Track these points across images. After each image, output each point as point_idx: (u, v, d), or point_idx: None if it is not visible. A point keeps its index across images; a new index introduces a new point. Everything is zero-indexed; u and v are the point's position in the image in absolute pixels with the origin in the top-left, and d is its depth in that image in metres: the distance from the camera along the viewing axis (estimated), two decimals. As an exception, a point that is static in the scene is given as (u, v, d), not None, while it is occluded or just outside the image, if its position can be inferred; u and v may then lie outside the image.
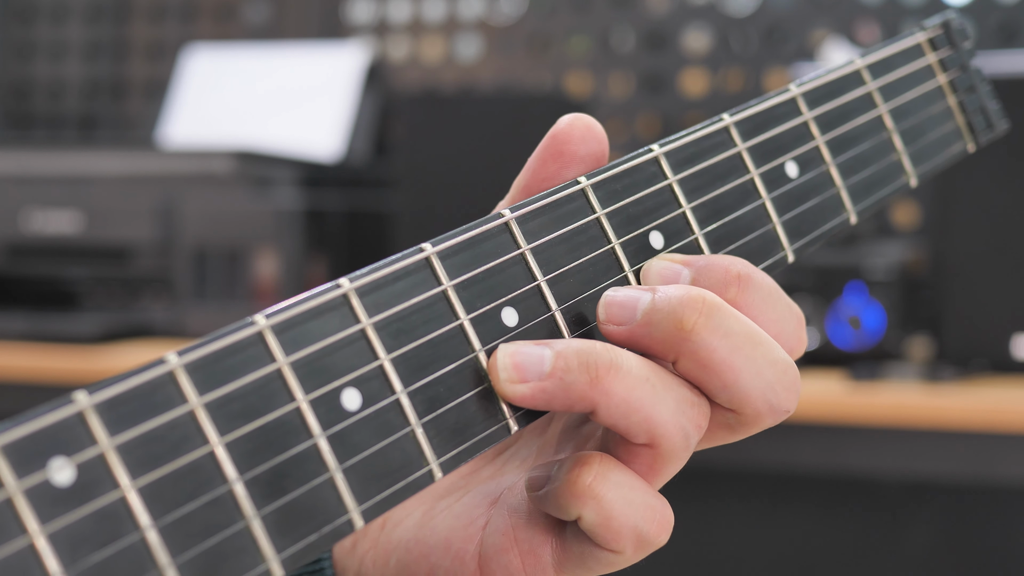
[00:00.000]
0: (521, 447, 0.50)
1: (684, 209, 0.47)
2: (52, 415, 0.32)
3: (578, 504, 0.42)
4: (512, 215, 0.43)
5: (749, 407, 0.43)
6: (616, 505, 0.42)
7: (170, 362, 0.35)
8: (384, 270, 0.40)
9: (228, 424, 0.35)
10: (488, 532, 0.46)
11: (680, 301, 0.42)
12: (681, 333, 0.42)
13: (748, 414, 0.43)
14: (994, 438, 1.34)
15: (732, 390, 0.43)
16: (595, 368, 0.41)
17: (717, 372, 0.42)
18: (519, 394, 0.41)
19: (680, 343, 0.42)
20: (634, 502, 0.42)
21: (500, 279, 0.42)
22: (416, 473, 0.39)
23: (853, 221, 0.52)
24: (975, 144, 0.57)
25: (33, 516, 0.31)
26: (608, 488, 0.42)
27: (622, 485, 0.42)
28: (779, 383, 0.43)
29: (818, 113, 0.51)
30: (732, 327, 0.42)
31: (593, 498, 0.42)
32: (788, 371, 0.44)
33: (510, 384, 0.41)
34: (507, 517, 0.45)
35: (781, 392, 0.43)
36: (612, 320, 0.43)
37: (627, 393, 0.41)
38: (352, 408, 0.38)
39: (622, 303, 0.43)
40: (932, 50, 0.57)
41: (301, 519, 0.36)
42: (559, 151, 0.47)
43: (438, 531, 0.47)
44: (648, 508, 0.42)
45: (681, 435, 0.42)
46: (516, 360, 0.41)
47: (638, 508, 0.42)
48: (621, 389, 0.41)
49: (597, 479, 0.42)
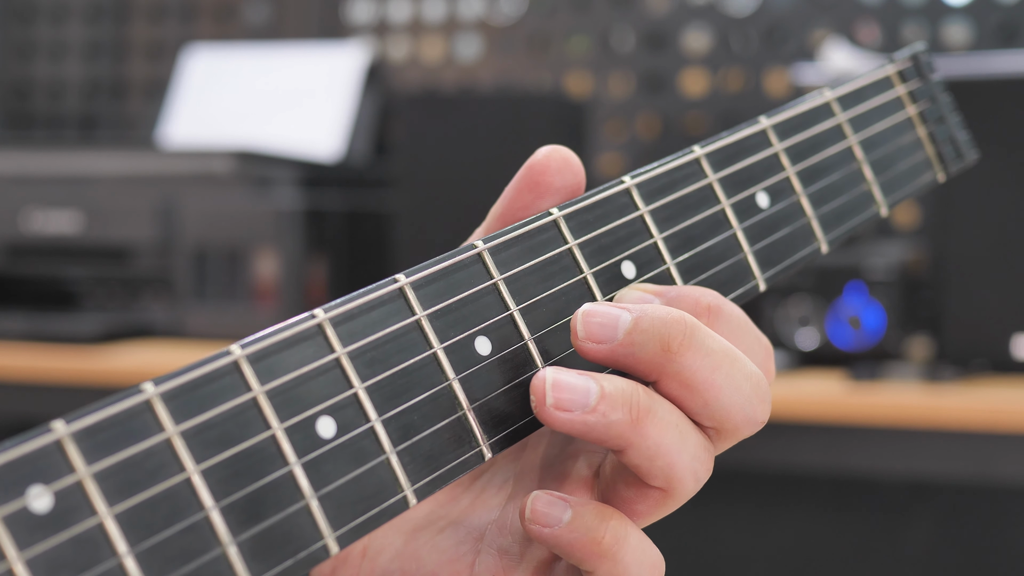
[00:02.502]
0: (497, 472, 0.50)
1: (656, 239, 0.48)
2: (30, 443, 0.33)
3: (597, 564, 0.43)
4: (485, 246, 0.44)
5: (729, 422, 0.44)
6: (631, 567, 0.43)
7: (147, 391, 0.35)
8: (358, 300, 0.40)
9: (204, 452, 0.35)
10: (479, 572, 0.46)
11: (664, 322, 0.42)
12: (666, 354, 0.42)
13: (728, 429, 0.44)
14: (994, 438, 1.34)
15: (713, 407, 0.43)
16: (636, 409, 0.42)
17: (700, 391, 0.43)
18: (561, 420, 0.41)
19: (665, 364, 0.42)
20: (644, 562, 0.44)
21: (473, 308, 0.43)
22: (391, 499, 0.39)
23: (824, 250, 0.52)
24: (945, 174, 0.59)
25: (11, 543, 0.32)
26: (627, 552, 0.43)
27: (637, 548, 0.43)
28: (755, 396, 0.44)
29: (788, 144, 0.52)
30: (712, 346, 0.43)
31: (613, 560, 0.43)
32: (761, 384, 0.44)
33: (555, 410, 0.41)
34: (497, 558, 0.46)
35: (757, 405, 0.44)
36: (591, 337, 0.43)
37: (659, 438, 0.42)
38: (327, 436, 0.38)
39: (602, 321, 0.43)
40: (902, 82, 0.57)
41: (277, 545, 0.36)
42: (535, 181, 0.48)
43: (424, 566, 0.47)
44: (653, 565, 0.44)
45: (693, 480, 0.44)
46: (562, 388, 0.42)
47: (646, 567, 0.44)
48: (654, 433, 0.42)
49: (619, 543, 0.43)
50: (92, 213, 1.78)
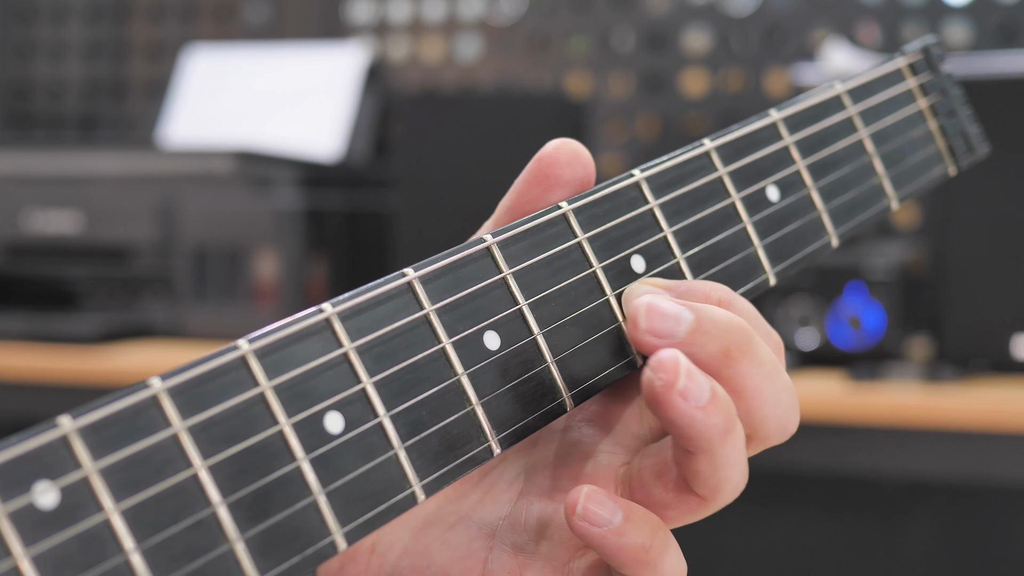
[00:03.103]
0: (507, 468, 0.50)
1: (665, 233, 0.47)
2: (36, 439, 0.33)
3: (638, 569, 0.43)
4: (494, 240, 0.43)
5: (763, 430, 0.44)
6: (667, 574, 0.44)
7: (153, 386, 0.35)
8: (366, 294, 0.40)
9: (211, 447, 0.35)
10: (492, 569, 0.46)
11: (727, 327, 0.42)
12: (726, 359, 0.42)
13: (760, 437, 0.44)
14: (994, 438, 1.34)
15: (754, 415, 0.43)
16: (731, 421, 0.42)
17: (747, 399, 0.43)
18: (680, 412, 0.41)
19: (722, 368, 0.42)
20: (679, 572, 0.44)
21: (482, 303, 0.42)
22: (399, 495, 0.39)
23: (834, 244, 0.52)
24: (956, 168, 0.58)
25: (17, 539, 0.32)
26: (667, 562, 0.43)
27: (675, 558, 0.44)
28: (792, 407, 0.44)
29: (799, 137, 0.52)
30: (764, 356, 0.43)
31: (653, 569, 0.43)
32: (794, 395, 0.45)
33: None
34: (512, 556, 0.46)
35: (792, 416, 0.44)
36: (653, 332, 0.43)
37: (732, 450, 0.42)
38: (335, 431, 0.38)
39: (666, 314, 0.43)
40: (912, 75, 0.57)
41: (284, 541, 0.36)
42: (544, 174, 0.47)
43: (435, 562, 0.47)
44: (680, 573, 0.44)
45: (732, 492, 0.43)
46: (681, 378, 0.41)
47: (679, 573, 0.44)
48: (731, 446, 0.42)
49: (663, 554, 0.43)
50: (92, 213, 1.78)
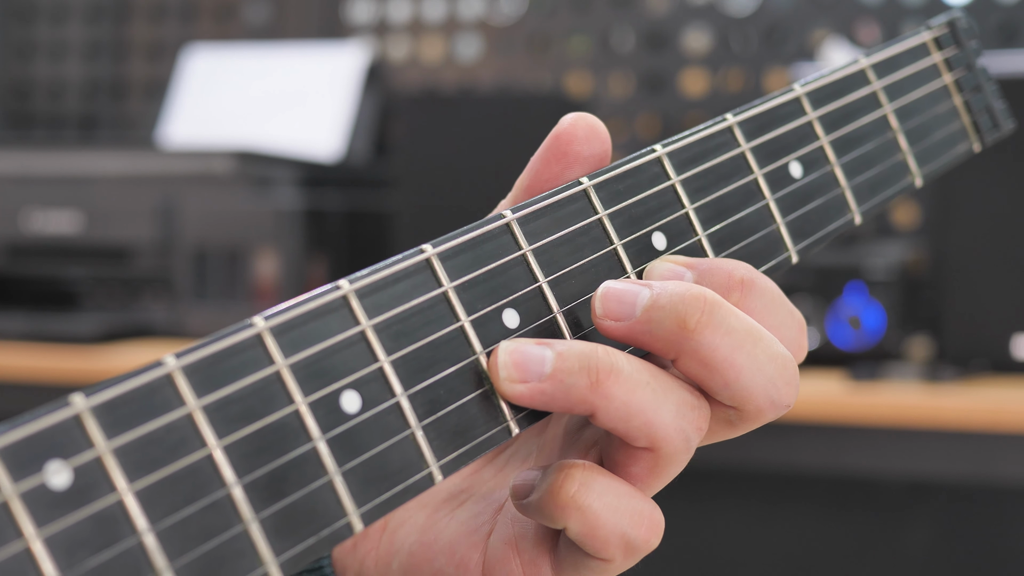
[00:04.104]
0: (521, 447, 0.50)
1: (687, 210, 0.46)
2: (49, 418, 0.32)
3: (563, 515, 0.41)
4: (513, 216, 0.43)
5: (751, 403, 0.43)
6: (601, 514, 0.41)
7: (168, 364, 0.34)
8: (384, 271, 0.39)
9: (226, 427, 0.35)
10: (492, 541, 0.45)
11: (682, 299, 0.42)
12: (683, 332, 0.41)
13: (749, 410, 0.43)
14: (994, 438, 1.34)
15: (734, 388, 0.42)
16: (595, 371, 0.40)
17: (719, 370, 0.42)
18: (517, 393, 0.40)
19: (682, 342, 0.42)
20: (620, 509, 0.42)
21: (501, 280, 0.42)
22: (416, 476, 0.38)
23: (857, 221, 0.51)
24: (981, 144, 0.57)
25: (29, 519, 0.31)
26: (592, 498, 0.41)
27: (606, 493, 0.42)
28: (780, 378, 0.43)
29: (822, 113, 0.51)
30: (733, 324, 0.42)
31: (577, 509, 0.41)
32: (788, 366, 0.43)
33: (509, 383, 0.40)
34: (510, 526, 0.45)
35: (782, 387, 0.43)
36: (609, 315, 0.42)
37: (627, 397, 0.41)
38: (352, 411, 0.37)
39: (619, 298, 0.42)
40: (938, 49, 0.56)
41: (300, 522, 0.36)
42: (562, 151, 0.46)
43: (443, 537, 0.47)
44: (635, 514, 0.42)
45: (682, 438, 0.42)
46: (516, 359, 0.40)
47: (624, 515, 0.42)
48: (621, 393, 0.41)
49: (581, 489, 0.41)
50: (92, 213, 1.77)
